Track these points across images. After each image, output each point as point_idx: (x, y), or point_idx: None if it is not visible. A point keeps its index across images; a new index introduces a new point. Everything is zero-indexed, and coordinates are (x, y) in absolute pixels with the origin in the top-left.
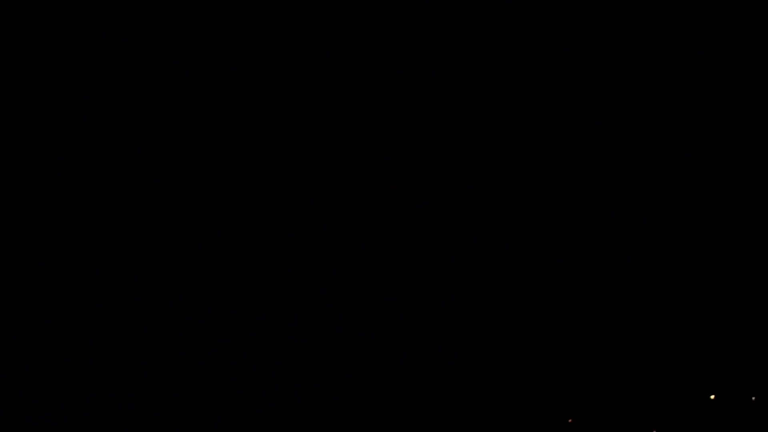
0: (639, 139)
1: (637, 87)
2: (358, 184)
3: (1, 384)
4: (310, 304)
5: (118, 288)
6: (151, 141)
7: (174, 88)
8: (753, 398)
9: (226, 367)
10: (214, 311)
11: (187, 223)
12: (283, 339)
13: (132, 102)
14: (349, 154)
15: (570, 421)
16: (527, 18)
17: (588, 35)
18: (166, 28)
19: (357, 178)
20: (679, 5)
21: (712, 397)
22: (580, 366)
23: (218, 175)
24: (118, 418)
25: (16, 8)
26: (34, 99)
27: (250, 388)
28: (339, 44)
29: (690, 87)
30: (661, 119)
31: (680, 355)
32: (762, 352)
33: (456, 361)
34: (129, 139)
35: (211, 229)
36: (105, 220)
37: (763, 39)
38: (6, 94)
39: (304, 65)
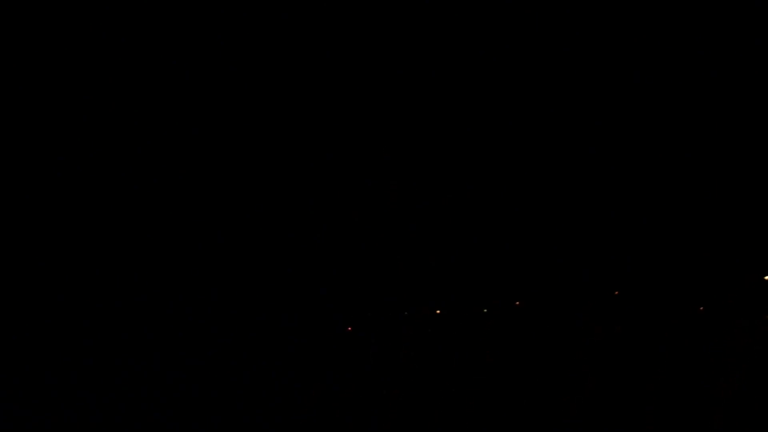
0: (639, 139)
1: (637, 87)
2: (358, 184)
3: (1, 384)
4: (310, 304)
5: (118, 288)
6: (151, 141)
7: (174, 88)
8: None
9: (226, 367)
10: (214, 311)
11: (187, 223)
12: (283, 339)
13: (132, 102)
14: (349, 154)
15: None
16: (527, 18)
17: (588, 35)
18: (166, 28)
19: (357, 178)
20: (679, 5)
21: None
22: (579, 369)
23: (218, 175)
24: (118, 418)
25: (16, 8)
26: (34, 99)
27: (250, 388)
28: (339, 44)
29: (690, 87)
30: (661, 119)
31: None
32: None
33: (456, 361)
34: (129, 139)
35: (211, 229)
36: (105, 220)
37: (763, 39)
38: (6, 94)
39: (304, 65)
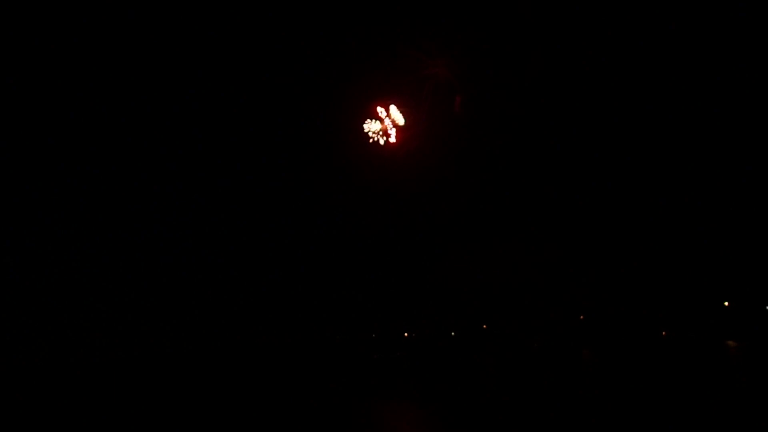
0: (639, 140)
1: (637, 87)
2: (359, 184)
3: (0, 384)
4: (310, 304)
5: (118, 288)
6: (151, 141)
7: (174, 88)
8: None
9: (226, 367)
10: (214, 311)
11: (187, 224)
12: (284, 339)
13: (132, 102)
14: (349, 154)
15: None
16: (528, 18)
17: (588, 35)
18: (166, 29)
19: (357, 178)
20: (679, 5)
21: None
22: (582, 370)
23: (218, 175)
24: (118, 418)
25: (16, 8)
26: (35, 99)
27: (250, 388)
28: (339, 44)
29: (690, 87)
30: (662, 119)
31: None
32: None
33: (456, 360)
34: (129, 139)
35: (212, 231)
36: (105, 220)
37: (763, 39)
38: (6, 95)
39: (304, 65)
